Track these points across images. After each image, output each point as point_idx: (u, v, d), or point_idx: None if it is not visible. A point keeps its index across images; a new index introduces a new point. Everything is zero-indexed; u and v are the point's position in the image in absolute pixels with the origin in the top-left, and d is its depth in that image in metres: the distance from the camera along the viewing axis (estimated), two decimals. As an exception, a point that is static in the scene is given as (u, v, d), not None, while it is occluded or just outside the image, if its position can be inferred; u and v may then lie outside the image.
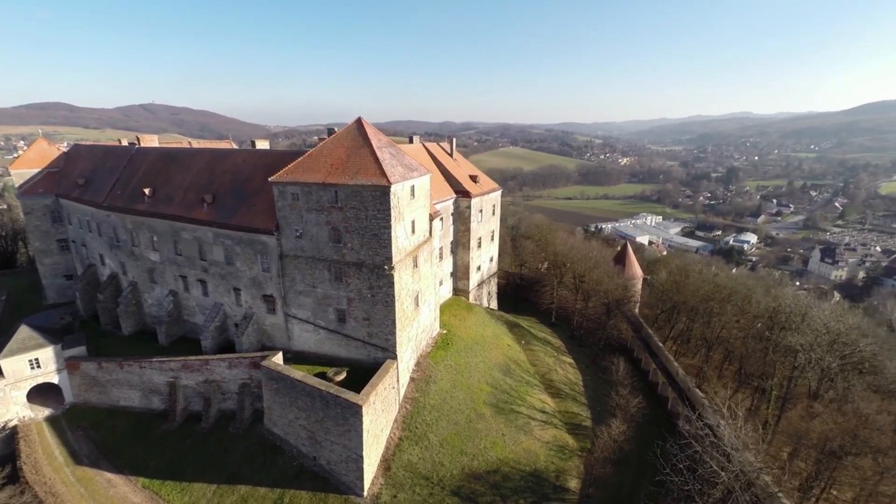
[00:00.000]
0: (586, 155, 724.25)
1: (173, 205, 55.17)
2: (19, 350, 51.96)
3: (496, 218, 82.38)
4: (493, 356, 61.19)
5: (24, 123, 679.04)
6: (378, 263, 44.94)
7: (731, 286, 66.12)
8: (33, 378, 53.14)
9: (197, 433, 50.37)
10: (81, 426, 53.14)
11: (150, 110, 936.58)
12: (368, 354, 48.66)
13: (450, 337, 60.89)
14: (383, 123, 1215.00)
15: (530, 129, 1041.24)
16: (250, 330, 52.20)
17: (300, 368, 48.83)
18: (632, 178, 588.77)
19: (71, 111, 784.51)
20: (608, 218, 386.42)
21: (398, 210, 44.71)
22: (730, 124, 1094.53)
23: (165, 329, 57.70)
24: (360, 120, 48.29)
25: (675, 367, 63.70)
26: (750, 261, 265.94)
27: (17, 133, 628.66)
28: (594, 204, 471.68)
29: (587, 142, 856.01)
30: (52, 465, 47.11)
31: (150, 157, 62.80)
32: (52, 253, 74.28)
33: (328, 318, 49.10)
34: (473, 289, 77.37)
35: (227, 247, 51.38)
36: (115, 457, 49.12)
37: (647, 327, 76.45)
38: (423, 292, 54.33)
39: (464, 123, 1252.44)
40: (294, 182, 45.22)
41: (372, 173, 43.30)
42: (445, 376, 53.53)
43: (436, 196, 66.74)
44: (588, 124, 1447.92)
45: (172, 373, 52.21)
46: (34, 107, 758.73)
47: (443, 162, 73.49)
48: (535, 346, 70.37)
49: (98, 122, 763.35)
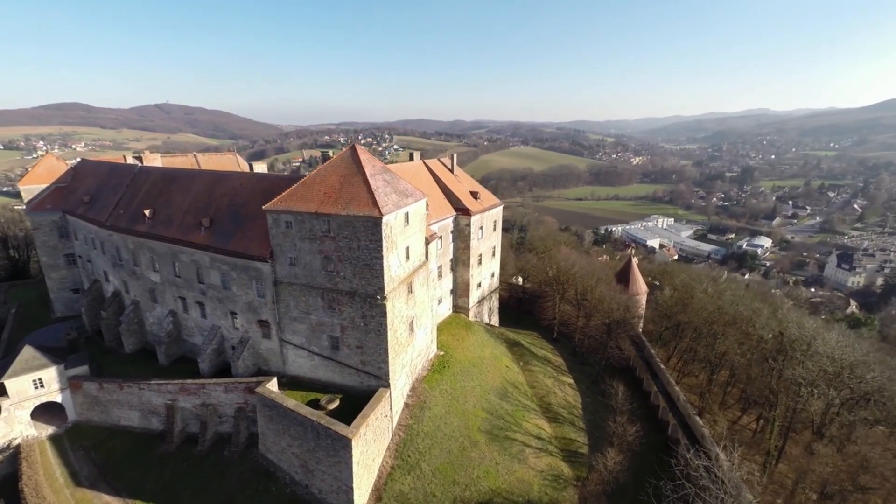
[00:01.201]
0: (598, 154, 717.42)
1: (172, 227, 55.72)
2: (23, 370, 52.99)
3: (497, 233, 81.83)
4: (491, 379, 60.83)
5: (44, 124, 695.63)
6: (370, 293, 44.86)
7: (733, 310, 64.57)
8: (37, 397, 54.18)
9: (194, 456, 50.93)
10: (83, 445, 54.09)
11: (165, 110, 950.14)
12: (362, 382, 48.67)
13: (447, 359, 60.66)
14: (394, 122, 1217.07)
15: (542, 128, 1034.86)
16: (246, 354, 52.56)
17: (294, 394, 49.13)
18: (644, 178, 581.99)
19: (88, 111, 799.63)
20: (618, 220, 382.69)
21: (391, 240, 44.56)
22: (746, 121, 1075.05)
23: (165, 349, 58.41)
24: (354, 146, 48.19)
25: (677, 391, 62.64)
26: (763, 266, 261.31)
27: (37, 133, 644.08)
28: (605, 205, 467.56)
29: (599, 141, 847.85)
30: (52, 487, 48.00)
31: (151, 176, 63.51)
32: (60, 267, 75.68)
33: (322, 344, 49.22)
34: (474, 306, 77.04)
35: (223, 271, 51.75)
36: (114, 478, 49.87)
37: (650, 347, 75.37)
38: (419, 317, 54.16)
39: (474, 122, 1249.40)
40: (287, 210, 45.30)
41: (364, 204, 43.17)
42: (440, 402, 53.33)
43: (435, 215, 66.58)
44: (600, 122, 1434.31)
45: (170, 395, 52.83)
46: (53, 107, 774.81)
47: (443, 179, 73.16)
48: (535, 366, 69.84)
49: (115, 122, 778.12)
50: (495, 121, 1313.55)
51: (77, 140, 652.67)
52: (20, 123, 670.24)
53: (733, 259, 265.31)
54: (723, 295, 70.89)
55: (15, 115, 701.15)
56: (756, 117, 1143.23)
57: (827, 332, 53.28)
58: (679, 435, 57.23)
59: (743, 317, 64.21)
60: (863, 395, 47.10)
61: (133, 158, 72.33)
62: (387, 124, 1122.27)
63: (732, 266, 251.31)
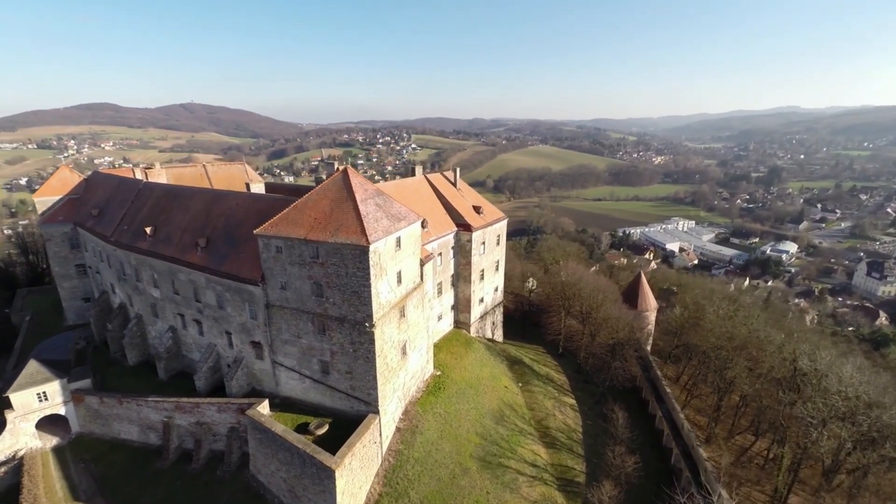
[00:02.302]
0: (618, 153, 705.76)
1: (171, 245, 56.33)
2: (28, 384, 54.37)
3: (501, 247, 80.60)
4: (487, 401, 59.88)
5: (75, 123, 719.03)
6: (359, 320, 44.42)
7: (744, 335, 61.96)
8: (41, 410, 55.52)
9: (188, 474, 51.46)
10: (83, 458, 55.28)
11: (190, 109, 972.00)
12: (352, 407, 48.35)
13: (443, 380, 59.95)
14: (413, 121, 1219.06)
15: (561, 126, 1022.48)
16: (240, 374, 52.83)
17: (285, 417, 49.15)
18: (665, 179, 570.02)
19: (117, 111, 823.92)
20: (638, 221, 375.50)
21: (379, 266, 43.99)
22: (774, 120, 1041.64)
23: (164, 364, 59.25)
24: (346, 170, 47.74)
25: (681, 419, 60.59)
26: (788, 272, 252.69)
27: (69, 133, 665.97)
28: (624, 206, 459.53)
29: (620, 139, 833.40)
30: (51, 501, 49.12)
31: (154, 193, 64.40)
32: (71, 277, 77.60)
33: (312, 368, 49.08)
34: (475, 321, 76.09)
35: (217, 292, 52.06)
36: (112, 493, 50.76)
37: (657, 368, 73.23)
38: (413, 339, 53.56)
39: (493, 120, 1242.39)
40: (277, 236, 45.16)
41: (352, 231, 42.69)
42: (433, 426, 52.66)
43: (435, 231, 65.90)
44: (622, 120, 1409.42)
45: (167, 412, 53.51)
46: (83, 107, 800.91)
47: (445, 194, 72.29)
48: (535, 385, 68.57)
49: (141, 121, 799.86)
50: (514, 119, 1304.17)
51: (106, 139, 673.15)
52: (53, 123, 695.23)
53: (756, 265, 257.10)
54: (734, 317, 68.02)
55: (48, 115, 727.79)
56: (785, 115, 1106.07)
57: (842, 365, 50.46)
58: (682, 465, 55.36)
59: (753, 343, 61.61)
60: (879, 435, 44.43)
61: (142, 171, 73.39)
62: (406, 122, 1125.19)
63: (755, 272, 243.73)
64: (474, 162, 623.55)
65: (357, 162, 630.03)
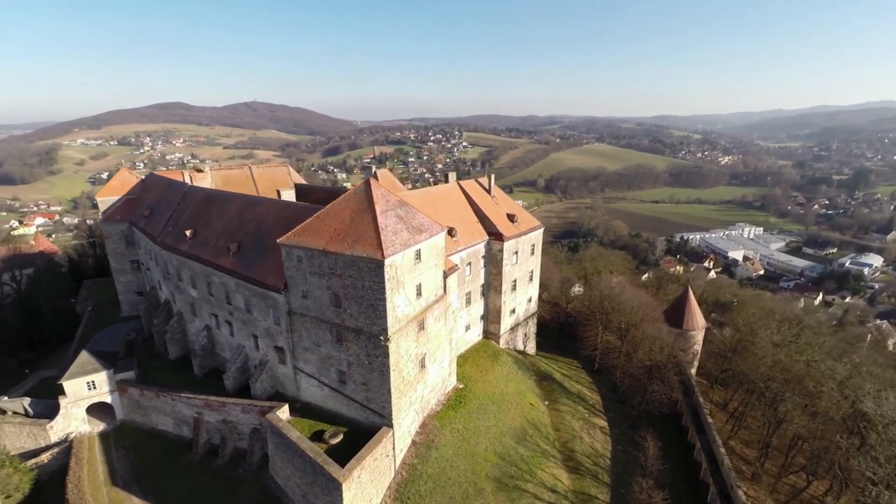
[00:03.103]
0: (681, 152, 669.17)
1: (207, 249, 58.72)
2: (79, 373, 58.75)
3: (536, 257, 77.78)
4: (510, 418, 57.87)
5: (151, 121, 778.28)
6: (374, 333, 44.02)
7: (801, 368, 55.75)
8: (90, 398, 59.85)
9: (213, 469, 53.54)
10: (124, 445, 59.05)
11: (253, 108, 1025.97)
12: (367, 418, 48.18)
13: (464, 393, 58.59)
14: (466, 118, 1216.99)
15: (620, 124, 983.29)
16: (264, 377, 54.21)
17: (303, 422, 49.86)
18: (732, 180, 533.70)
19: (188, 110, 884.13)
20: (698, 226, 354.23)
21: (396, 280, 43.30)
22: (863, 116, 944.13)
23: (199, 361, 62.08)
24: (368, 181, 47.40)
25: (722, 453, 55.61)
26: (870, 289, 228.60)
27: (145, 130, 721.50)
28: (684, 209, 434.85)
29: (683, 137, 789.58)
30: (92, 484, 52.67)
31: (196, 197, 67.46)
32: (127, 272, 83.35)
33: (330, 376, 49.36)
34: (505, 333, 74.04)
35: (246, 296, 53.63)
36: (145, 481, 53.79)
37: (699, 394, 67.84)
38: (434, 352, 52.59)
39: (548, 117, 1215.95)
40: (298, 245, 45.61)
41: (369, 244, 42.25)
42: (449, 441, 51.52)
43: (465, 240, 64.59)
44: (686, 117, 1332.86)
45: (197, 408, 55.97)
46: (158, 107, 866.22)
47: (477, 201, 70.60)
48: (564, 404, 65.64)
49: (209, 119, 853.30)
50: (570, 116, 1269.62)
51: (177, 136, 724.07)
52: (132, 121, 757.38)
53: (832, 278, 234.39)
54: (794, 343, 61.48)
55: (128, 114, 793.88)
56: (876, 111, 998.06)
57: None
58: (719, 506, 50.82)
59: (813, 375, 55.34)
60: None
61: (189, 174, 77.33)
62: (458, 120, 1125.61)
63: (830, 287, 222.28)
64: (526, 161, 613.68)
65: (408, 159, 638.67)
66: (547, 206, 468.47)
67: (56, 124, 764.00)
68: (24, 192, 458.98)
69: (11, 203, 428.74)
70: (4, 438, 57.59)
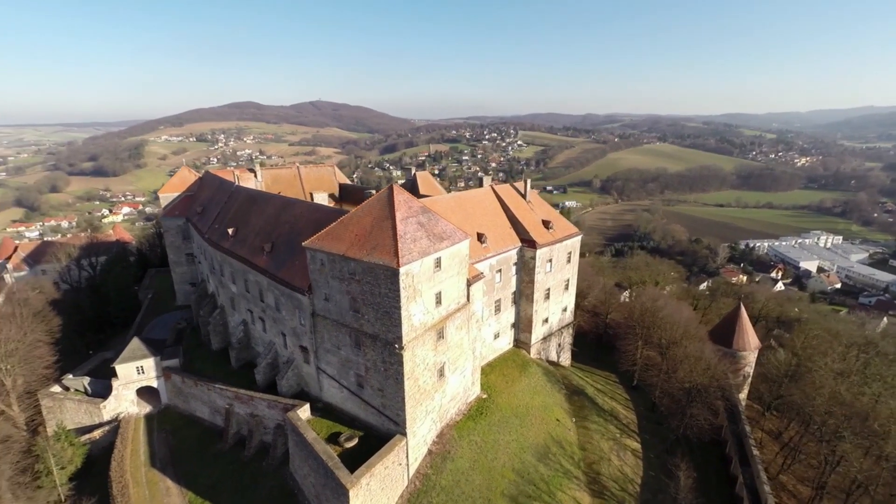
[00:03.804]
0: (751, 153, 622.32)
1: (245, 247, 61.36)
2: (130, 359, 63.51)
3: (573, 265, 74.78)
4: (533, 434, 55.93)
5: (226, 119, 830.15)
6: (390, 340, 43.92)
7: (864, 404, 49.59)
8: (139, 381, 64.57)
9: (240, 460, 56.00)
10: (165, 429, 63.18)
11: (317, 107, 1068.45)
12: (383, 424, 48.28)
13: (487, 404, 57.36)
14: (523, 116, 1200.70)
15: (685, 122, 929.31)
16: (290, 374, 55.85)
17: (322, 423, 50.86)
18: (809, 184, 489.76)
19: (258, 109, 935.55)
20: (767, 233, 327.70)
21: (413, 288, 42.91)
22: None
23: (236, 354, 65.15)
24: (391, 187, 47.28)
25: (766, 491, 50.65)
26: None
27: (220, 128, 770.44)
28: (752, 214, 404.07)
29: (756, 137, 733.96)
30: (133, 464, 56.81)
31: (241, 196, 70.71)
32: (182, 264, 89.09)
33: (349, 379, 49.92)
34: (536, 342, 71.82)
35: (276, 295, 55.44)
36: (180, 465, 57.26)
37: (745, 421, 62.32)
38: (454, 361, 51.80)
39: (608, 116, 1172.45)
40: (321, 249, 46.36)
41: (386, 252, 42.13)
42: (466, 454, 50.55)
43: (496, 246, 63.27)
44: (760, 115, 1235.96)
45: (229, 400, 58.73)
46: (232, 106, 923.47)
47: (511, 207, 68.81)
48: (594, 422, 62.61)
49: (277, 117, 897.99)
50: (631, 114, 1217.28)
51: (248, 134, 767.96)
52: (209, 119, 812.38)
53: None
54: (860, 374, 55.03)
55: (206, 112, 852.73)
56: None
57: None
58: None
59: (879, 414, 49.11)
60: None
61: (242, 172, 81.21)
62: (515, 118, 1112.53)
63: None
64: (581, 160, 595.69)
65: (462, 158, 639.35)
66: (602, 208, 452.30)
67: (145, 122, 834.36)
68: (114, 183, 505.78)
69: (104, 193, 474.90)
70: (65, 413, 63.46)
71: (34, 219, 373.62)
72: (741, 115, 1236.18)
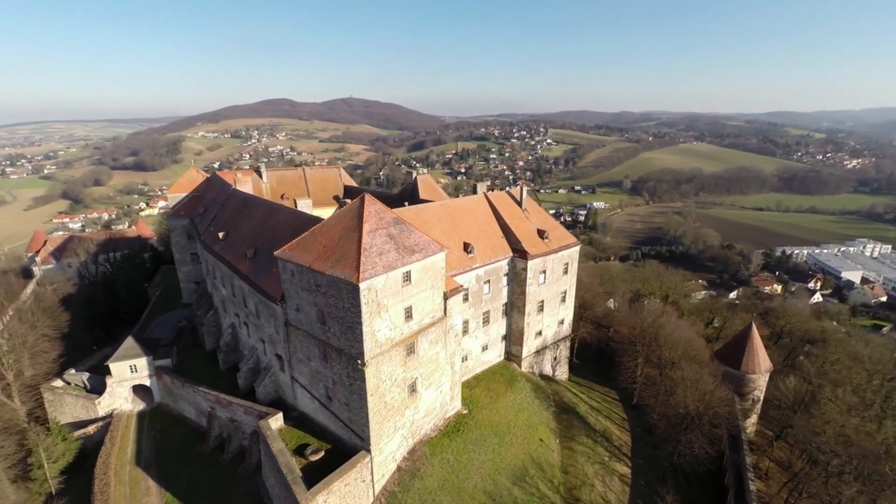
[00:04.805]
0: (797, 154, 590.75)
1: (232, 252, 61.69)
2: (123, 357, 65.10)
3: (570, 276, 71.87)
4: (511, 454, 53.85)
5: (260, 116, 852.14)
6: (353, 355, 42.89)
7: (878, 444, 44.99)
8: (132, 380, 66.11)
9: (219, 463, 56.42)
10: (155, 427, 64.45)
11: (349, 104, 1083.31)
12: (350, 438, 47.42)
13: (466, 420, 55.67)
14: (554, 114, 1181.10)
15: (725, 121, 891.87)
16: (267, 381, 55.81)
17: (293, 433, 50.49)
18: (860, 188, 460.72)
19: (292, 106, 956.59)
20: (808, 239, 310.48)
21: (376, 304, 41.66)
22: None
23: (223, 356, 65.79)
24: (363, 197, 46.11)
25: (757, 531, 46.96)
26: None
27: (254, 124, 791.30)
28: (793, 219, 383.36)
29: (802, 137, 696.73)
30: (119, 461, 58.10)
31: (235, 200, 71.27)
32: (187, 263, 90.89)
33: (320, 391, 49.28)
34: (529, 356, 69.52)
35: (255, 302, 55.41)
36: (163, 464, 58.16)
37: (745, 451, 58.09)
38: (428, 376, 50.30)
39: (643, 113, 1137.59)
40: (290, 260, 45.73)
41: (348, 265, 41.01)
42: (436, 472, 49.04)
43: (484, 257, 61.44)
44: (809, 114, 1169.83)
45: (211, 403, 59.23)
46: (266, 102, 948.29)
47: (504, 215, 66.56)
48: (581, 443, 59.87)
49: (309, 114, 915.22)
50: (668, 112, 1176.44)
51: (280, 130, 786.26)
52: (244, 116, 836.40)
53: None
54: (872, 408, 50.29)
55: (241, 109, 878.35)
56: None
57: None
58: None
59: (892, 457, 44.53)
60: None
61: (238, 175, 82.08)
62: (545, 116, 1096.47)
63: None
64: (612, 160, 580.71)
65: (489, 156, 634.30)
66: (631, 210, 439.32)
67: (183, 119, 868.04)
68: (152, 178, 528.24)
69: (142, 187, 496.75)
70: (64, 407, 65.77)
71: (78, 211, 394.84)
72: (788, 113, 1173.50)
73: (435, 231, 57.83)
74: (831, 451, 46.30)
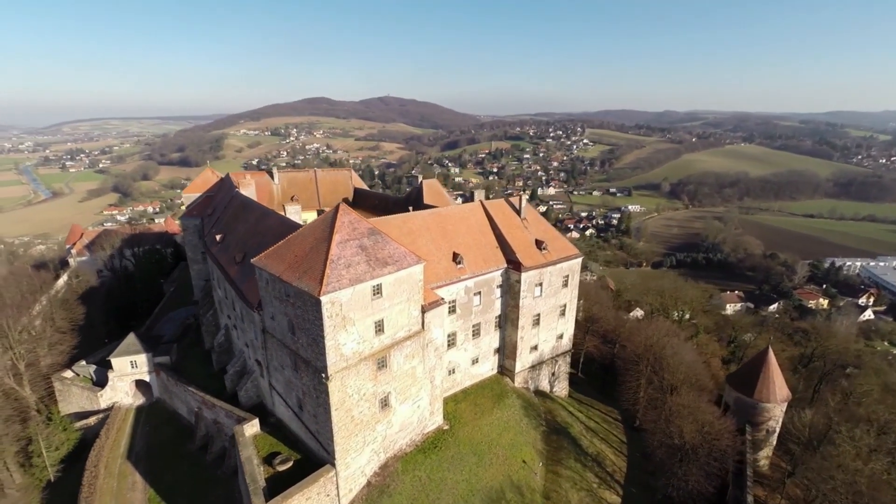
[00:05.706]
0: (856, 157, 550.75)
1: (225, 255, 62.42)
2: (124, 353, 67.26)
3: (570, 290, 68.73)
4: (489, 475, 51.74)
5: (299, 114, 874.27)
6: (319, 368, 42.10)
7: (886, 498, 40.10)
8: (132, 375, 68.25)
9: (202, 464, 57.15)
10: (150, 422, 66.24)
11: (385, 102, 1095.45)
12: (318, 450, 46.74)
13: (445, 437, 53.97)
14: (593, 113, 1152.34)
15: (777, 121, 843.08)
16: (249, 385, 56.09)
17: (268, 440, 50.41)
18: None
19: (330, 104, 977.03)
20: (862, 250, 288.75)
21: (341, 317, 40.66)
22: None
23: (216, 357, 66.83)
24: (338, 206, 45.18)
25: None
26: None
27: (293, 122, 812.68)
28: (848, 227, 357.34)
29: (865, 138, 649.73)
30: (111, 455, 59.91)
31: (236, 202, 72.22)
32: (198, 261, 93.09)
33: (293, 400, 48.88)
34: (523, 371, 67.04)
35: (240, 307, 55.66)
36: (152, 460, 59.49)
37: (749, 488, 53.49)
38: (403, 391, 49.00)
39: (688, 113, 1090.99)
40: (264, 268, 45.44)
41: (313, 277, 40.18)
42: (406, 490, 47.67)
43: (475, 267, 59.61)
44: (874, 113, 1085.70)
45: (198, 403, 60.15)
46: (306, 101, 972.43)
47: (500, 224, 64.29)
48: (569, 467, 56.95)
49: (346, 112, 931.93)
50: (715, 111, 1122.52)
51: (318, 128, 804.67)
52: (284, 114, 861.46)
53: None
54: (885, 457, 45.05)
55: (282, 108, 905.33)
56: None
57: None
58: None
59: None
60: None
61: (241, 178, 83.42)
62: (584, 115, 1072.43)
63: None
64: (651, 161, 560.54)
65: (523, 156, 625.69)
66: (668, 214, 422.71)
67: (228, 116, 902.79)
68: (194, 173, 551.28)
69: (185, 182, 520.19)
70: (71, 397, 68.64)
71: (126, 203, 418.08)
72: (850, 112, 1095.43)
73: (421, 241, 56.40)
74: (844, 500, 41.69)
